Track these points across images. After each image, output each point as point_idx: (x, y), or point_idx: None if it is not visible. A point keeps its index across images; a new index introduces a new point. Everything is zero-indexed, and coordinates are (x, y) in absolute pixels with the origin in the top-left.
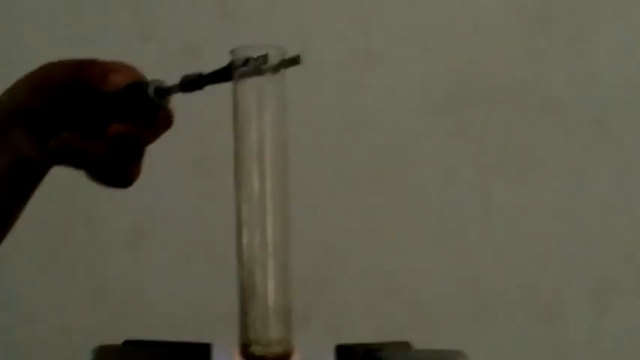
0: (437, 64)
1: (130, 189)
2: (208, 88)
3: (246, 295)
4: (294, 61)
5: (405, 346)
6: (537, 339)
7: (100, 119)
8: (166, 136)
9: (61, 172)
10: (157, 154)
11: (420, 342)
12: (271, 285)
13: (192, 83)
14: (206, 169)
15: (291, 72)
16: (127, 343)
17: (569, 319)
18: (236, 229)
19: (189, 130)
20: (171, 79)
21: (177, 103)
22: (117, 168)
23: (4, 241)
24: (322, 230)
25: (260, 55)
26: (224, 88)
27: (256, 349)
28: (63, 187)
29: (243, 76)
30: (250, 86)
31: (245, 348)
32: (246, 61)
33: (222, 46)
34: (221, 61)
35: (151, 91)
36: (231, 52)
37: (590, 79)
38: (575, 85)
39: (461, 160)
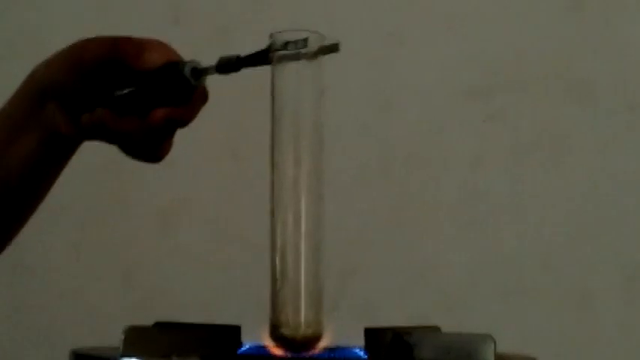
0: (469, 48)
1: (162, 172)
2: (243, 71)
3: (278, 277)
4: (333, 48)
5: (433, 329)
6: (566, 325)
7: (135, 97)
8: (199, 119)
9: (91, 155)
10: (189, 137)
11: (449, 327)
12: (303, 268)
13: (229, 65)
14: (238, 152)
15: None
16: (157, 324)
17: (599, 306)
18: (270, 211)
19: (222, 113)
20: (201, 61)
21: (211, 86)
22: (149, 145)
23: (36, 223)
24: (352, 214)
25: (299, 39)
26: (258, 72)
27: (286, 331)
28: (94, 170)
29: (282, 60)
30: (288, 70)
31: (275, 330)
32: (285, 45)
33: (251, 30)
34: (250, 44)
35: (187, 71)
36: (271, 35)
37: (622, 64)
38: (608, 70)
39: (492, 146)
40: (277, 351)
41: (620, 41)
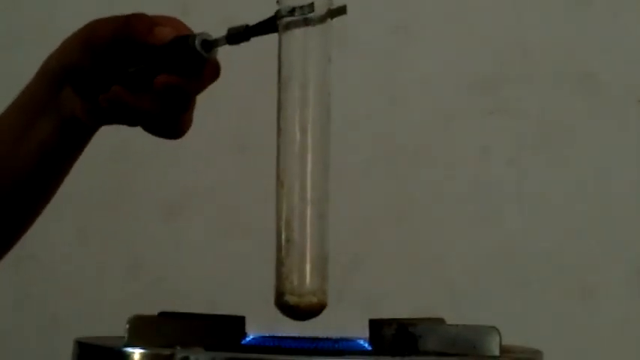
0: (474, 41)
1: (169, 163)
2: (252, 62)
3: (283, 244)
4: (341, 10)
5: (438, 321)
6: (572, 319)
7: (148, 72)
8: (207, 111)
9: (98, 145)
10: (196, 129)
11: (454, 319)
12: (308, 235)
13: (239, 35)
14: (245, 144)
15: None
16: (162, 314)
17: (605, 300)
18: (276, 178)
19: (230, 105)
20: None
21: (220, 77)
22: (167, 119)
23: (42, 214)
24: (357, 206)
25: (305, 5)
26: (267, 64)
27: (290, 299)
28: (100, 160)
29: (289, 26)
30: (296, 36)
31: (280, 297)
32: (292, 10)
33: (261, 20)
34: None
35: (197, 43)
36: (278, 2)
37: (630, 56)
38: (615, 62)
39: (499, 138)
40: (282, 341)
41: (628, 34)
